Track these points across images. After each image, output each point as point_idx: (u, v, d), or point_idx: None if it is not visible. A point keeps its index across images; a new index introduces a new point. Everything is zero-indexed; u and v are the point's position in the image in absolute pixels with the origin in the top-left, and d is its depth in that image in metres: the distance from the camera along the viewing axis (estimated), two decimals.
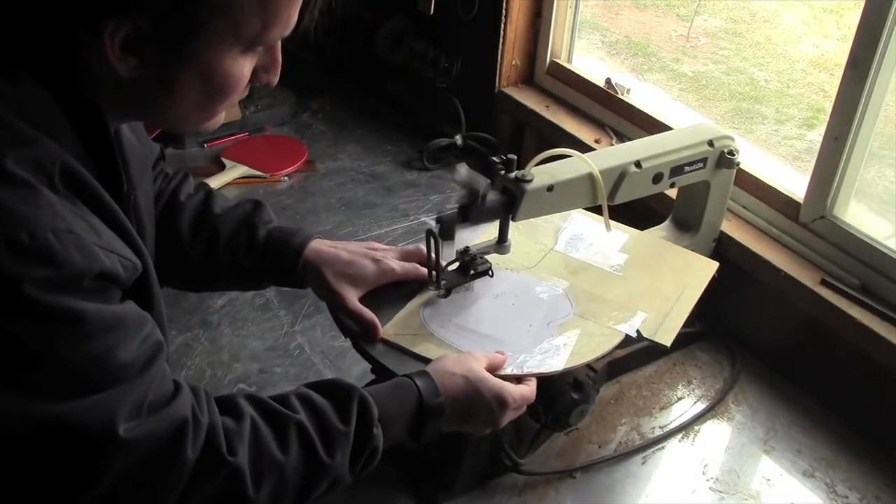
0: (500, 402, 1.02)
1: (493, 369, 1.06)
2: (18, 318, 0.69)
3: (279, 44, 0.85)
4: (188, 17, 0.74)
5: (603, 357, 1.14)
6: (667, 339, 1.16)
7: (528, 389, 1.06)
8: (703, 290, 1.28)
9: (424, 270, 1.19)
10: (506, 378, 1.06)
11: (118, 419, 0.74)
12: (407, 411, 0.98)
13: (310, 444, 0.88)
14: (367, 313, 1.12)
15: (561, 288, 1.24)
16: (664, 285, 1.27)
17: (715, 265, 1.33)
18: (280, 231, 1.17)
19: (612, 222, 1.30)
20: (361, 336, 1.12)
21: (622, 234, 1.36)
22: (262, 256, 1.15)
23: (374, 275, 1.16)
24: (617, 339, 1.15)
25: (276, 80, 0.87)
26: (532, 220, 1.24)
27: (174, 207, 1.14)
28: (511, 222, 1.20)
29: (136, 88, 0.79)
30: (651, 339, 1.16)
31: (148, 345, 0.79)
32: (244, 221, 1.16)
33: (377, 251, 1.19)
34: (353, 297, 1.14)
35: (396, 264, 1.18)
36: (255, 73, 0.84)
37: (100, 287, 0.75)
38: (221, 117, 0.88)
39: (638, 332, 1.17)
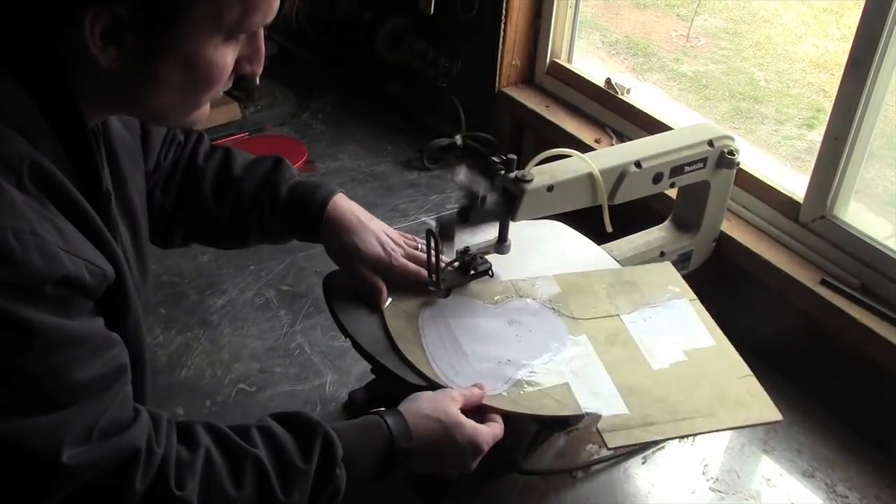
0: (475, 448, 0.98)
1: (468, 406, 1.01)
2: None
3: (262, 33, 0.84)
4: (168, 3, 0.73)
5: (545, 417, 1.06)
6: (611, 442, 1.04)
7: (499, 428, 1.02)
8: (728, 427, 1.10)
9: (424, 275, 1.18)
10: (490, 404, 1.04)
11: (63, 444, 0.71)
12: (375, 452, 0.93)
13: (266, 480, 0.85)
14: (371, 278, 1.13)
15: (573, 344, 1.15)
16: (691, 400, 1.09)
17: (774, 417, 1.09)
18: (303, 186, 1.17)
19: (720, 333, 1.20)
20: (366, 299, 1.14)
21: (709, 338, 1.20)
22: (285, 215, 1.15)
23: (373, 261, 1.15)
24: (570, 411, 1.06)
25: (260, 69, 0.85)
26: (637, 276, 1.21)
27: (195, 172, 1.14)
28: (512, 223, 1.20)
29: (118, 80, 0.77)
30: (600, 432, 1.05)
31: (110, 368, 0.77)
32: (265, 181, 1.16)
33: (391, 240, 1.18)
34: (359, 265, 1.14)
35: (398, 262, 1.17)
36: (238, 63, 0.83)
37: (63, 296, 0.72)
38: (207, 110, 0.86)
39: (587, 415, 1.06)
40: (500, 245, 1.23)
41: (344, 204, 1.16)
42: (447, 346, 1.12)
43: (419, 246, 1.21)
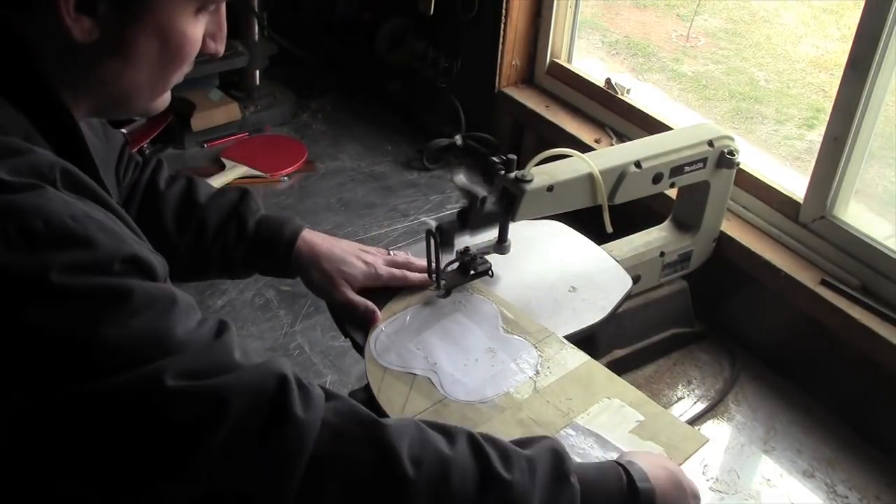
0: (695, 495, 0.94)
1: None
2: (54, 309, 0.65)
3: (224, 10, 0.83)
4: None
5: None
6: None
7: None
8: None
9: (413, 276, 1.18)
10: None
11: (210, 371, 0.69)
12: (614, 491, 0.86)
13: (482, 454, 0.78)
14: (362, 302, 1.13)
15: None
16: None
17: (701, 442, 1.04)
18: (270, 221, 1.15)
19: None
20: (360, 324, 1.12)
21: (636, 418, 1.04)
22: (252, 248, 1.13)
23: (362, 276, 1.15)
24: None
25: (222, 48, 0.84)
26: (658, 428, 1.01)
27: (155, 197, 1.11)
28: (512, 223, 1.20)
29: (90, 57, 0.75)
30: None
31: (210, 322, 0.75)
32: (232, 212, 1.14)
33: (367, 254, 1.18)
34: (346, 289, 1.14)
35: (384, 270, 1.17)
36: (203, 41, 0.81)
37: (133, 272, 0.70)
38: (168, 97, 0.84)
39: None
40: (500, 245, 1.23)
41: (312, 237, 1.15)
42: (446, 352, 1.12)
43: (390, 253, 1.21)
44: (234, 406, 0.70)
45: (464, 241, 1.22)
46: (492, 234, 1.23)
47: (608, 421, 1.01)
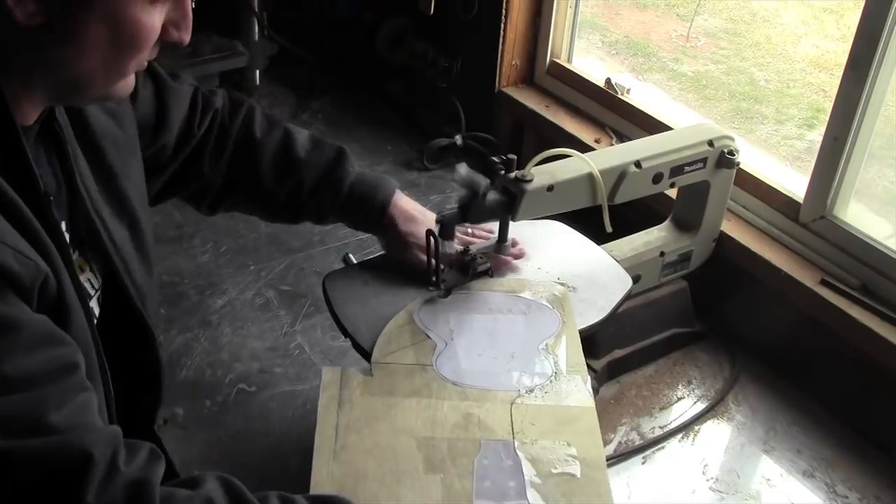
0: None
1: None
2: None
3: None
4: None
5: None
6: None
7: None
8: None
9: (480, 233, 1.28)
10: None
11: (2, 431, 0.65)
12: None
13: None
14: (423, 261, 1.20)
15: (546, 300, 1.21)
16: None
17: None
18: (364, 184, 1.21)
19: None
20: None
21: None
22: (345, 210, 1.20)
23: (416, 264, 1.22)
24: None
25: (187, 37, 0.82)
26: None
27: (252, 147, 1.15)
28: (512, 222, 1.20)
29: (38, 42, 0.73)
30: None
31: (53, 365, 0.70)
32: (328, 173, 1.19)
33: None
34: (417, 252, 1.21)
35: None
36: (165, 29, 0.80)
37: None
38: (132, 81, 0.82)
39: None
40: (500, 245, 1.23)
41: (402, 203, 1.23)
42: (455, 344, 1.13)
43: (469, 230, 1.28)
44: (19, 474, 0.66)
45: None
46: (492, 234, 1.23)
47: (544, 455, 0.99)
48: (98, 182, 0.92)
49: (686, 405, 1.36)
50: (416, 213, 1.24)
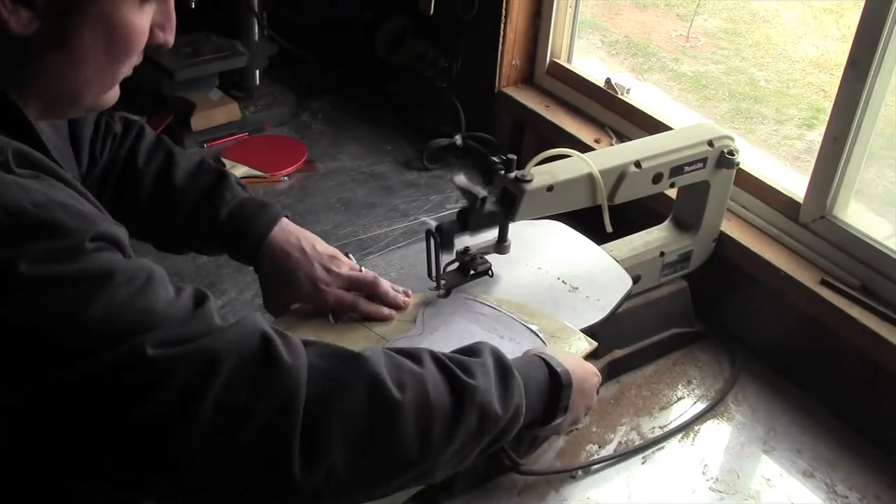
0: (597, 375, 1.09)
1: None
2: (31, 300, 0.64)
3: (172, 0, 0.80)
4: None
5: None
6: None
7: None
8: None
9: (363, 307, 1.14)
10: None
11: (201, 333, 0.70)
12: (540, 378, 0.99)
13: (446, 367, 0.86)
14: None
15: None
16: None
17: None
18: (241, 215, 1.12)
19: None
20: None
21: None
22: (221, 240, 1.13)
23: (305, 297, 1.13)
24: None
25: (172, 39, 0.81)
26: None
27: (133, 175, 1.10)
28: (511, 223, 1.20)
29: (33, 52, 0.72)
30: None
31: (186, 293, 0.74)
32: (205, 200, 1.12)
33: (330, 272, 1.13)
34: (287, 297, 1.14)
35: (332, 296, 1.12)
36: (151, 32, 0.79)
37: (105, 249, 0.69)
38: (118, 91, 0.82)
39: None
40: (500, 245, 1.23)
41: (282, 236, 1.12)
42: None
43: (361, 269, 1.17)
44: (226, 362, 0.71)
45: (464, 241, 1.22)
46: (492, 234, 1.23)
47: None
48: None
49: (686, 405, 1.36)
50: (290, 255, 1.12)
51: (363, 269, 1.18)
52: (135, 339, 0.67)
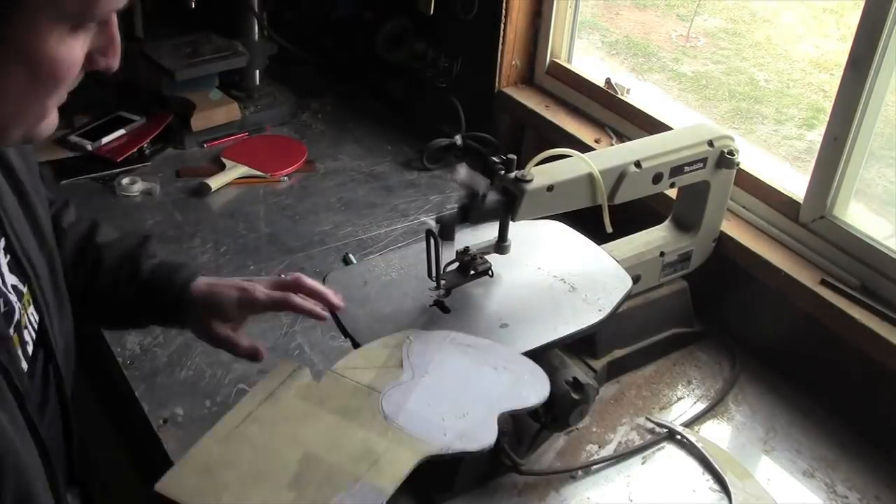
0: None
1: None
2: None
3: (115, 20, 0.74)
4: None
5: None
6: None
7: None
8: None
9: (295, 300, 1.08)
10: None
11: None
12: None
13: None
14: (233, 338, 1.08)
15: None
16: None
17: None
18: (164, 267, 1.10)
19: None
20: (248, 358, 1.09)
21: None
22: (143, 291, 1.09)
23: (235, 302, 1.07)
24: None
25: (116, 63, 0.75)
26: None
27: (56, 235, 1.02)
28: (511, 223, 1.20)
29: None
30: None
31: None
32: (129, 254, 1.10)
33: (251, 281, 1.10)
34: (219, 327, 1.08)
35: (262, 293, 1.07)
36: (90, 57, 0.73)
37: None
38: (55, 118, 0.76)
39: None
40: (500, 245, 1.23)
41: (201, 284, 1.09)
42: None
43: (281, 276, 1.15)
44: None
45: (464, 240, 1.22)
46: (492, 234, 1.23)
47: None
48: (26, 218, 0.88)
49: (686, 405, 1.36)
50: (212, 286, 1.08)
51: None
52: None
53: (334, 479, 0.92)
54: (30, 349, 0.90)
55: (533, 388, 1.06)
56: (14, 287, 0.87)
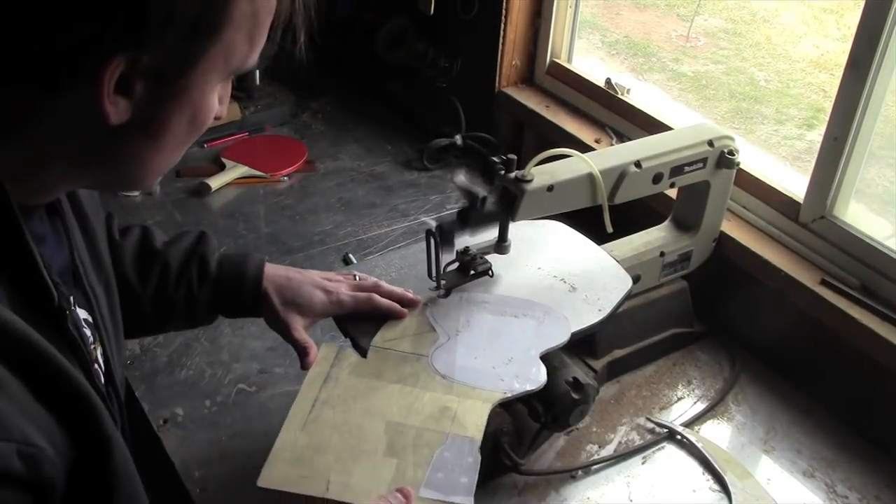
0: None
1: None
2: None
3: None
4: (196, 46, 0.65)
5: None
6: None
7: None
8: None
9: (381, 301, 1.15)
10: None
11: None
12: None
13: None
14: (308, 344, 1.09)
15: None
16: None
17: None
18: (231, 261, 1.11)
19: None
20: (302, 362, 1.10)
21: None
22: (216, 288, 1.10)
23: (322, 305, 1.12)
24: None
25: (225, 112, 0.79)
26: None
27: (111, 247, 1.00)
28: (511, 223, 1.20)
29: (117, 139, 0.67)
30: None
31: None
32: (193, 252, 1.10)
33: (331, 281, 1.15)
34: (298, 325, 1.10)
35: (348, 296, 1.13)
36: None
37: None
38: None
39: None
40: (500, 245, 1.23)
41: (273, 270, 1.12)
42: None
43: (357, 277, 1.18)
44: None
45: (464, 241, 1.22)
46: (492, 234, 1.23)
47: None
48: (87, 248, 0.87)
49: (686, 405, 1.36)
50: (289, 277, 1.12)
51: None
52: None
53: (426, 440, 0.98)
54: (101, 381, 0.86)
55: (556, 328, 1.16)
56: (86, 321, 0.83)
